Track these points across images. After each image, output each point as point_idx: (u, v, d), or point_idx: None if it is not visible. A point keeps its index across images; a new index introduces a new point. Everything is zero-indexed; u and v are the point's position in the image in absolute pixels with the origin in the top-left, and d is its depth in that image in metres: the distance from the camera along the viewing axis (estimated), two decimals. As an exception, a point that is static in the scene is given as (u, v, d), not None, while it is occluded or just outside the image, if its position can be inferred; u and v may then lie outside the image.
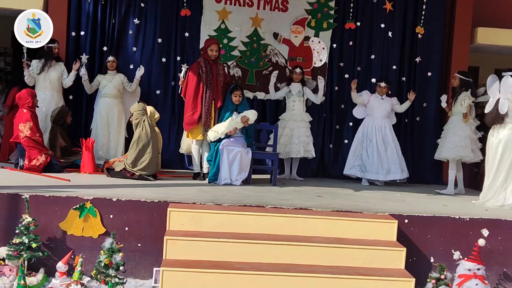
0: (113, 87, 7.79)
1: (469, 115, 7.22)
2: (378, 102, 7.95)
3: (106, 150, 7.74)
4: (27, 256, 4.75)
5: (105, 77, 7.84)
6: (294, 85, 8.03)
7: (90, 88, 7.88)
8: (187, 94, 7.13)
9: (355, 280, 4.59)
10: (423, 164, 8.52)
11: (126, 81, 7.88)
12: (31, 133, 6.74)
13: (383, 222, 5.18)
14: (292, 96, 7.98)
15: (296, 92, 7.98)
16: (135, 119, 6.81)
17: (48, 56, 7.66)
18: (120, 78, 7.84)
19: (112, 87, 7.79)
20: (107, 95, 7.79)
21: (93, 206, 5.10)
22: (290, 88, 8.03)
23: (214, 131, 6.87)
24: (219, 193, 5.97)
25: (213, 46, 7.09)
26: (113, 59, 7.85)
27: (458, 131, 7.22)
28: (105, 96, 7.79)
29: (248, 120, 6.89)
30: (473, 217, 5.45)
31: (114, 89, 7.79)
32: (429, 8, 8.54)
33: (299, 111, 7.98)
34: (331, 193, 6.67)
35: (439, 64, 8.62)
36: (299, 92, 7.99)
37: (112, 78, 7.82)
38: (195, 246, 4.70)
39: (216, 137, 6.86)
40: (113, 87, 7.79)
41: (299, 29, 8.41)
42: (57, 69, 7.74)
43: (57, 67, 7.74)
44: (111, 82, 7.79)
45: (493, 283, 5.38)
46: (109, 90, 7.78)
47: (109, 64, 7.84)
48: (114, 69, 7.85)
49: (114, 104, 7.76)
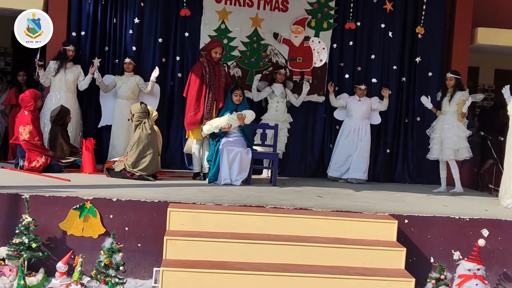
0: (127, 89, 7.77)
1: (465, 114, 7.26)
2: (355, 104, 8.06)
3: (117, 151, 7.70)
4: (27, 256, 4.76)
5: (121, 78, 7.83)
6: (276, 86, 8.06)
7: (106, 88, 7.88)
8: (189, 94, 7.13)
9: (355, 280, 4.59)
10: (423, 164, 8.51)
11: (142, 82, 7.86)
12: (30, 137, 6.72)
13: (383, 222, 5.18)
14: (276, 97, 8.00)
15: (279, 93, 8.01)
16: (135, 120, 6.81)
17: (63, 58, 7.68)
18: (135, 80, 7.83)
19: (127, 88, 7.77)
20: (121, 96, 7.79)
21: (93, 206, 5.10)
22: (273, 88, 8.05)
23: (208, 124, 6.89)
24: (219, 193, 5.97)
25: (217, 49, 7.10)
26: (129, 61, 7.83)
27: (458, 132, 7.22)
28: (119, 98, 7.80)
29: (245, 119, 6.89)
30: (473, 217, 5.46)
31: (128, 90, 7.78)
32: (429, 8, 8.54)
33: (282, 112, 8.02)
34: (331, 193, 6.67)
35: (439, 64, 8.61)
36: (282, 93, 8.03)
37: (127, 80, 7.80)
38: (195, 246, 4.70)
39: (209, 130, 6.85)
40: (127, 88, 7.77)
41: (299, 29, 8.41)
42: (74, 71, 7.76)
43: (74, 69, 7.76)
44: (126, 84, 7.78)
45: (493, 283, 5.38)
46: (123, 91, 7.77)
47: (125, 66, 7.83)
48: (130, 71, 7.83)
49: (126, 106, 7.68)
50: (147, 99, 7.70)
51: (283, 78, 8.07)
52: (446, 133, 7.27)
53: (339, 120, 8.34)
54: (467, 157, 7.38)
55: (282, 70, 8.11)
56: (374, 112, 8.19)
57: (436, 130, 7.41)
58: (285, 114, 8.06)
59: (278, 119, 7.95)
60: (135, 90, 7.85)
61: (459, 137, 7.23)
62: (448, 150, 7.27)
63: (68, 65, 7.72)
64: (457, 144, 7.23)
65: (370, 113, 8.15)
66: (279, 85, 8.06)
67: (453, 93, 7.32)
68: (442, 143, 7.32)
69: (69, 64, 7.72)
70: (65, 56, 7.70)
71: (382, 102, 8.13)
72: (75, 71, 7.77)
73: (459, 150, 7.26)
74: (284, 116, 8.05)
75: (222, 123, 6.85)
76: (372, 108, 8.11)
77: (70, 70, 7.73)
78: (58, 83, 7.69)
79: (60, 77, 7.67)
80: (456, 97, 7.27)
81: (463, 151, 7.28)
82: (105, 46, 8.18)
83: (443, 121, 7.34)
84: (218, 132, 6.88)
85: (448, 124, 7.28)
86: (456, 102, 7.25)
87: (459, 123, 7.25)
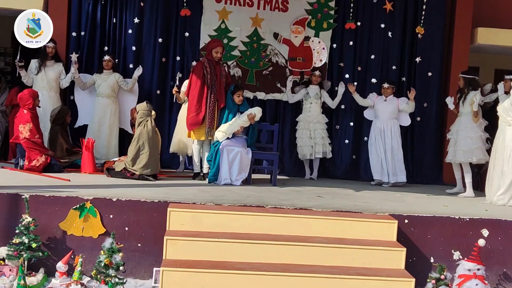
0: (107, 87, 7.76)
1: (479, 114, 7.09)
2: (381, 104, 7.95)
3: (97, 150, 7.56)
4: (27, 256, 4.76)
5: (100, 76, 7.81)
6: (312, 88, 8.07)
7: (83, 85, 7.82)
8: (191, 94, 7.12)
9: (355, 280, 4.59)
10: (423, 164, 8.52)
11: (122, 80, 7.85)
12: (30, 135, 6.73)
13: (383, 222, 5.18)
14: (310, 98, 8.03)
15: (314, 95, 8.03)
16: (139, 117, 6.82)
17: (43, 56, 7.65)
18: (115, 78, 7.81)
19: (107, 86, 7.76)
20: (101, 94, 7.76)
21: (93, 206, 5.10)
22: (308, 90, 8.07)
23: (222, 132, 6.88)
24: (219, 193, 5.97)
25: (218, 48, 7.10)
26: (109, 59, 7.82)
27: (470, 133, 7.07)
28: (99, 96, 7.77)
29: (255, 117, 6.93)
30: (473, 217, 5.45)
31: (109, 88, 7.76)
32: (429, 8, 8.53)
33: (316, 113, 8.03)
34: (331, 193, 6.67)
35: (439, 64, 8.61)
36: (317, 94, 8.04)
37: (107, 78, 7.79)
38: (195, 246, 4.70)
39: (224, 137, 6.87)
40: (107, 86, 7.76)
41: (299, 29, 8.41)
42: (55, 69, 7.73)
43: (55, 67, 7.73)
44: (105, 81, 7.76)
45: (493, 283, 5.38)
46: (103, 89, 7.75)
47: (104, 63, 7.82)
48: (109, 68, 7.82)
49: (107, 104, 7.73)
50: (126, 97, 7.71)
51: (318, 79, 8.08)
52: (460, 135, 7.13)
53: (341, 119, 8.33)
54: (483, 160, 7.15)
55: (317, 72, 8.11)
56: (403, 113, 8.02)
57: (453, 132, 7.29)
58: (319, 115, 8.06)
59: (312, 120, 7.98)
60: (115, 88, 7.83)
61: (471, 138, 7.06)
62: (459, 152, 7.12)
63: (49, 63, 7.68)
64: (468, 146, 7.06)
65: (399, 114, 7.99)
66: (314, 87, 8.07)
67: (467, 93, 7.16)
68: (456, 146, 7.19)
69: (50, 62, 7.68)
70: (45, 54, 7.65)
71: (409, 103, 7.97)
72: (56, 69, 7.73)
73: (473, 152, 7.06)
74: (318, 117, 8.05)
75: (235, 128, 6.86)
76: (399, 109, 7.98)
77: (51, 68, 7.69)
78: (40, 82, 7.65)
79: (42, 75, 7.64)
80: (468, 97, 7.12)
81: (478, 154, 7.08)
82: (104, 46, 8.17)
83: (459, 123, 7.22)
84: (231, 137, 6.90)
85: (462, 125, 7.14)
86: (469, 102, 7.09)
87: (473, 124, 7.07)
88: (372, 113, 8.08)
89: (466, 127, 7.12)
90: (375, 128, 7.94)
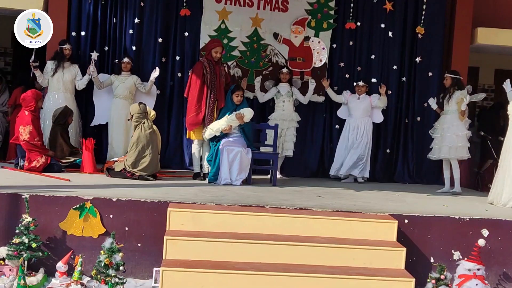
0: (124, 88, 7.76)
1: (465, 113, 7.24)
2: (354, 102, 8.09)
3: (115, 151, 7.67)
4: (27, 256, 4.76)
5: (118, 77, 7.82)
6: (282, 86, 8.06)
7: (100, 84, 7.83)
8: (191, 94, 7.13)
9: (355, 280, 4.59)
10: (423, 164, 8.51)
11: (139, 82, 7.85)
12: (30, 137, 6.72)
13: (383, 222, 5.18)
14: (282, 97, 8.01)
15: (285, 93, 8.02)
16: (134, 121, 6.81)
17: (60, 58, 7.67)
18: (133, 80, 7.81)
19: (124, 88, 7.76)
20: (118, 96, 7.77)
21: (93, 206, 5.10)
22: (279, 88, 8.06)
23: (209, 129, 6.88)
24: (219, 193, 5.97)
25: (217, 48, 7.10)
26: (127, 61, 7.81)
27: (457, 131, 7.22)
28: (116, 97, 7.78)
29: (243, 117, 6.89)
30: (473, 217, 5.46)
31: (126, 90, 7.76)
32: (429, 8, 8.54)
33: (289, 111, 8.02)
34: (331, 193, 6.67)
35: (439, 64, 8.61)
36: (288, 92, 8.02)
37: (125, 80, 7.79)
38: (195, 246, 4.70)
39: (211, 135, 6.86)
40: (124, 88, 7.76)
41: (299, 29, 8.41)
42: (72, 71, 7.75)
43: (71, 69, 7.75)
44: (123, 83, 7.76)
45: (493, 283, 5.38)
46: (120, 91, 7.75)
47: (123, 65, 7.81)
48: (128, 70, 7.81)
49: (123, 106, 7.70)
50: (144, 99, 7.70)
51: (286, 77, 8.06)
52: (446, 132, 7.28)
53: (341, 119, 8.34)
54: (465, 157, 7.36)
55: (285, 69, 8.09)
56: (376, 110, 8.17)
57: (437, 129, 7.43)
58: (292, 113, 8.05)
59: (285, 118, 7.96)
60: (133, 90, 7.84)
61: (458, 136, 7.23)
62: (445, 148, 7.28)
63: (66, 64, 7.70)
64: (454, 143, 7.22)
65: (372, 111, 8.14)
66: (285, 85, 8.06)
67: (452, 92, 7.32)
68: (441, 142, 7.33)
69: (66, 64, 7.71)
70: (62, 56, 7.68)
71: (381, 99, 8.10)
72: (72, 71, 7.75)
73: (457, 149, 7.25)
74: (292, 115, 8.04)
75: (222, 125, 6.85)
76: (372, 105, 8.10)
77: (67, 70, 7.71)
78: (56, 83, 7.67)
79: (58, 77, 7.66)
80: (454, 96, 7.27)
81: (462, 151, 7.27)
82: (105, 46, 8.17)
83: (443, 121, 7.36)
84: (220, 135, 6.88)
85: (448, 123, 7.29)
86: (455, 101, 7.24)
87: (459, 122, 7.24)
88: (345, 111, 8.20)
89: (452, 125, 7.26)
90: (348, 126, 8.06)
